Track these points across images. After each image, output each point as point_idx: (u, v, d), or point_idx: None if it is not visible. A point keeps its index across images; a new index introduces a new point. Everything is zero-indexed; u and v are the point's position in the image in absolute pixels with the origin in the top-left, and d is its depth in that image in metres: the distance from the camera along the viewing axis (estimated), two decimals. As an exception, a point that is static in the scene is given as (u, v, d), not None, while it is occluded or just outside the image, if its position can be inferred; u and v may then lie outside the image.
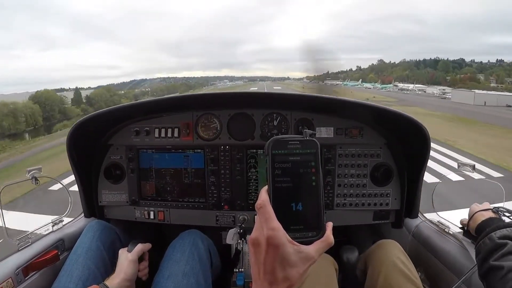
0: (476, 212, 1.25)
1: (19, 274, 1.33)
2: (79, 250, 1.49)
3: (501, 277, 0.95)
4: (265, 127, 1.85)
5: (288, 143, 0.65)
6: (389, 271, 1.33)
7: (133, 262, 1.41)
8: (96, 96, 70.75)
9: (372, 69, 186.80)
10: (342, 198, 1.83)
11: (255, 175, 1.86)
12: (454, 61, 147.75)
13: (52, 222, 1.64)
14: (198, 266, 1.49)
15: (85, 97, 70.47)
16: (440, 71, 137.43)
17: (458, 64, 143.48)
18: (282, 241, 0.59)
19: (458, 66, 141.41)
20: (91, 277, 1.40)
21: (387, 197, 1.81)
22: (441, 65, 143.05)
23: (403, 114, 1.57)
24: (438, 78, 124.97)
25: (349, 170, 1.81)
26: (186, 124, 1.85)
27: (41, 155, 19.93)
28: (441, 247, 1.50)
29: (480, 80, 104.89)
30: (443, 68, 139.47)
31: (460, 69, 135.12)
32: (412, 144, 1.67)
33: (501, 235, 1.04)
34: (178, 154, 1.88)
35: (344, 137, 1.81)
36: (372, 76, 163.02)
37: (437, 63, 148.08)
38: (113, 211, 1.95)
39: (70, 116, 54.52)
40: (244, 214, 1.88)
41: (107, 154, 1.90)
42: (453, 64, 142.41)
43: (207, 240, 1.69)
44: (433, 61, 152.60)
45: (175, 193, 1.91)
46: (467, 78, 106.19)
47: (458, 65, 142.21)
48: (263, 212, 0.62)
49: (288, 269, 0.60)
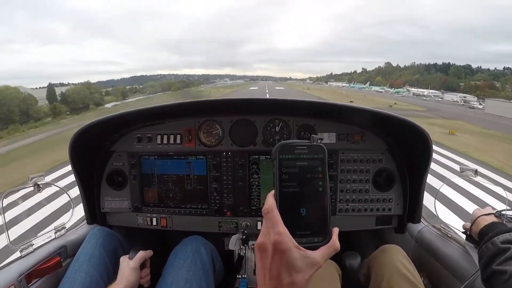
0: (478, 217, 1.26)
1: (22, 281, 1.33)
2: (81, 257, 1.49)
3: (504, 282, 0.95)
4: (267, 133, 1.85)
5: (296, 148, 0.65)
6: (392, 276, 1.33)
7: (134, 269, 1.41)
8: (74, 93, 61.45)
9: (378, 72, 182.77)
10: (345, 203, 1.83)
11: (257, 181, 1.86)
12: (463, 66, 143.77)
13: (54, 228, 1.64)
14: (201, 272, 1.49)
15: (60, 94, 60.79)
16: (452, 76, 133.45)
17: (470, 70, 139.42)
18: (288, 246, 0.60)
19: (470, 72, 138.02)
20: (94, 284, 1.40)
21: (390, 202, 1.81)
22: (453, 70, 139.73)
23: (405, 119, 1.58)
24: (452, 84, 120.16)
25: (351, 176, 1.82)
26: (188, 130, 1.86)
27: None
28: (444, 252, 1.50)
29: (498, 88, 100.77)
30: (454, 74, 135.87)
31: (472, 75, 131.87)
32: (414, 149, 1.68)
33: (503, 240, 1.05)
34: (180, 161, 1.88)
35: (346, 142, 1.82)
36: (380, 79, 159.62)
37: (448, 68, 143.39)
38: (116, 217, 1.95)
39: (36, 116, 47.05)
40: (246, 220, 1.88)
41: (109, 161, 1.90)
42: (464, 70, 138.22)
43: (210, 246, 1.68)
44: (444, 66, 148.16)
45: (178, 199, 1.91)
46: (486, 86, 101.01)
47: (470, 71, 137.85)
48: (270, 216, 0.62)
49: (294, 275, 0.60)
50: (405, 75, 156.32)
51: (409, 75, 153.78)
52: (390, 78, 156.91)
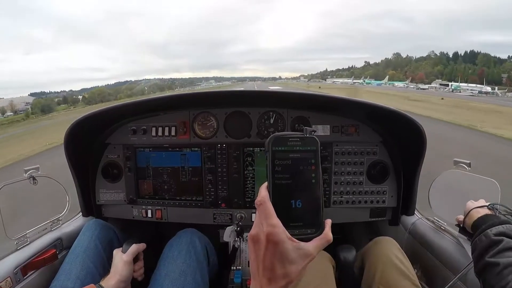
0: (472, 209, 1.26)
1: (18, 273, 1.33)
2: (77, 249, 1.49)
3: (496, 274, 0.95)
4: (261, 125, 1.85)
5: (289, 140, 0.65)
6: (386, 268, 1.34)
7: (128, 263, 1.41)
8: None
9: (387, 64, 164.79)
10: (339, 195, 1.84)
11: (252, 173, 1.87)
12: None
13: (50, 221, 1.64)
14: (195, 264, 1.49)
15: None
16: (481, 66, 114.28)
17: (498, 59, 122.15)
18: (281, 238, 0.60)
19: (499, 61, 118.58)
20: (89, 276, 1.40)
21: (384, 194, 1.82)
22: (481, 59, 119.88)
23: (399, 111, 1.58)
24: (493, 76, 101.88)
25: (345, 168, 1.82)
26: (183, 122, 1.86)
27: None
28: (438, 244, 1.52)
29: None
30: (484, 63, 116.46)
31: (501, 64, 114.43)
32: (408, 142, 1.68)
33: (496, 232, 1.05)
34: (175, 153, 1.88)
35: (341, 135, 1.82)
36: (393, 72, 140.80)
37: (475, 56, 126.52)
38: (111, 210, 1.95)
39: None
40: (241, 212, 1.88)
41: (105, 153, 1.90)
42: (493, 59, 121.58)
43: (204, 238, 1.69)
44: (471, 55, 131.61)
45: (173, 191, 1.92)
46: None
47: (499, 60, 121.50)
48: (263, 208, 0.62)
49: (288, 266, 0.61)
50: (423, 66, 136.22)
51: (428, 67, 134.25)
52: (404, 71, 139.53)
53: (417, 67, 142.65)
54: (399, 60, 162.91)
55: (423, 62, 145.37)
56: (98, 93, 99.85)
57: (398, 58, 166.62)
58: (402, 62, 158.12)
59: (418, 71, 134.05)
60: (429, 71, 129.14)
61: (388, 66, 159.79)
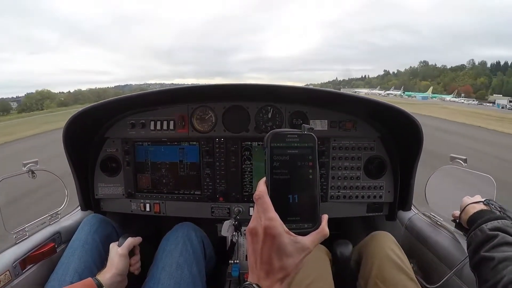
0: (467, 205, 1.27)
1: (17, 267, 1.33)
2: (75, 244, 1.50)
3: (491, 268, 0.96)
4: (259, 119, 1.86)
5: (287, 137, 0.66)
6: (382, 262, 1.35)
7: (123, 256, 1.41)
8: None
9: (413, 74, 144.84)
10: (336, 190, 1.85)
11: (250, 167, 1.87)
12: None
13: (48, 215, 1.64)
14: (192, 257, 1.50)
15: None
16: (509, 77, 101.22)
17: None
18: (279, 231, 0.61)
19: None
20: (87, 270, 1.41)
21: (381, 189, 1.84)
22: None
23: (397, 108, 1.58)
24: None
25: (343, 163, 1.83)
26: (182, 116, 1.86)
27: None
28: (434, 239, 1.53)
29: None
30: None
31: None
32: (405, 138, 1.69)
33: (492, 227, 1.06)
34: (173, 147, 1.89)
35: (338, 130, 1.83)
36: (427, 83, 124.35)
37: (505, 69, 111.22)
38: (109, 204, 1.96)
39: None
40: (239, 206, 1.89)
41: (103, 147, 1.90)
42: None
43: (201, 232, 1.70)
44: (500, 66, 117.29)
45: (171, 185, 1.92)
46: None
47: None
48: (261, 203, 0.63)
49: (285, 259, 0.62)
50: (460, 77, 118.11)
51: (467, 78, 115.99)
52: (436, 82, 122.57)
53: (453, 77, 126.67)
54: (427, 69, 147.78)
55: (460, 73, 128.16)
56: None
57: (425, 66, 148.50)
58: (432, 71, 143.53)
59: (455, 83, 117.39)
60: (471, 83, 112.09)
61: (414, 76, 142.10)
